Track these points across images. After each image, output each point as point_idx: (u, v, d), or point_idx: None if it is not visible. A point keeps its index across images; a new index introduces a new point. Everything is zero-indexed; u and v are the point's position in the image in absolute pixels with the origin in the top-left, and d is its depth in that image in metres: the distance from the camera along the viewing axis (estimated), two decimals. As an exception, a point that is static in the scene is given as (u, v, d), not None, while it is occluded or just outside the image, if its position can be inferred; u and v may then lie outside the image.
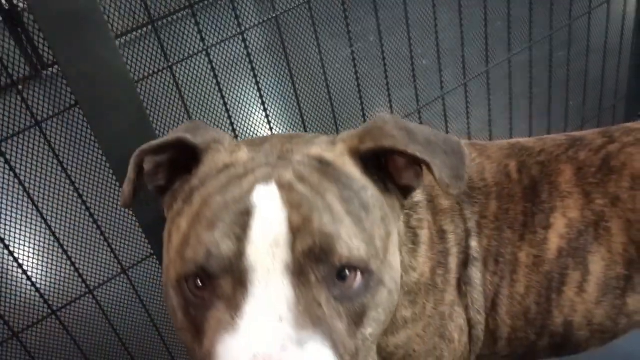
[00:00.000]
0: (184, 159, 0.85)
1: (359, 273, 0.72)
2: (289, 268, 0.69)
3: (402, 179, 0.85)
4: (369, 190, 0.79)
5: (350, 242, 0.71)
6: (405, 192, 0.87)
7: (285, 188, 0.73)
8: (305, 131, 1.43)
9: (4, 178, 1.26)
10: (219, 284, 0.70)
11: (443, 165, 0.78)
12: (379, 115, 0.85)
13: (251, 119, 2.80)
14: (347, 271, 0.71)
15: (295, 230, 0.70)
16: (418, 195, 1.00)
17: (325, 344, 0.67)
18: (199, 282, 0.72)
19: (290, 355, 0.63)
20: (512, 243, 1.00)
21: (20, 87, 1.13)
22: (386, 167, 0.84)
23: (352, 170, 0.80)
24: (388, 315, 0.79)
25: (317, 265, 0.69)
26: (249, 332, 0.65)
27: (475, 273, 0.99)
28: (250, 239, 0.69)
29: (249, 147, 0.84)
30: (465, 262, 0.99)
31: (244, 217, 0.71)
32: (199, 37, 1.27)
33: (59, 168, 1.24)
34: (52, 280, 1.52)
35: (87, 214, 1.31)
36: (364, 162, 0.81)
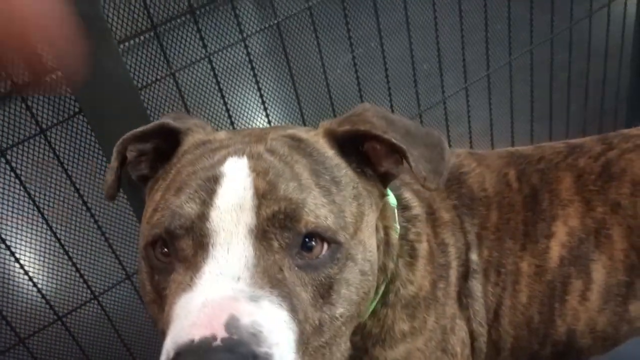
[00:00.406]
0: (168, 148, 0.86)
1: (325, 245, 0.72)
2: (252, 232, 0.69)
3: (381, 166, 0.85)
4: (343, 169, 0.80)
5: (317, 210, 0.72)
6: (385, 180, 0.87)
7: (254, 158, 0.75)
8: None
9: (9, 185, 1.27)
10: (181, 247, 0.70)
11: (421, 156, 0.78)
12: (361, 104, 0.86)
13: (253, 125, 2.80)
14: (313, 242, 0.71)
15: (261, 196, 0.70)
16: (416, 209, 0.99)
17: (282, 305, 0.66)
18: (165, 249, 0.72)
19: (240, 306, 0.63)
20: (514, 253, 1.00)
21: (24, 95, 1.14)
22: (365, 153, 0.84)
23: (327, 149, 0.81)
24: (363, 298, 0.78)
25: (281, 232, 0.70)
26: (204, 288, 0.65)
27: (476, 285, 0.99)
28: (214, 204, 0.70)
29: (230, 133, 0.86)
30: (465, 275, 0.99)
31: (212, 183, 0.72)
32: (201, 43, 1.28)
33: (64, 175, 1.25)
34: (58, 287, 1.53)
35: (92, 220, 1.32)
36: (340, 144, 0.82)
